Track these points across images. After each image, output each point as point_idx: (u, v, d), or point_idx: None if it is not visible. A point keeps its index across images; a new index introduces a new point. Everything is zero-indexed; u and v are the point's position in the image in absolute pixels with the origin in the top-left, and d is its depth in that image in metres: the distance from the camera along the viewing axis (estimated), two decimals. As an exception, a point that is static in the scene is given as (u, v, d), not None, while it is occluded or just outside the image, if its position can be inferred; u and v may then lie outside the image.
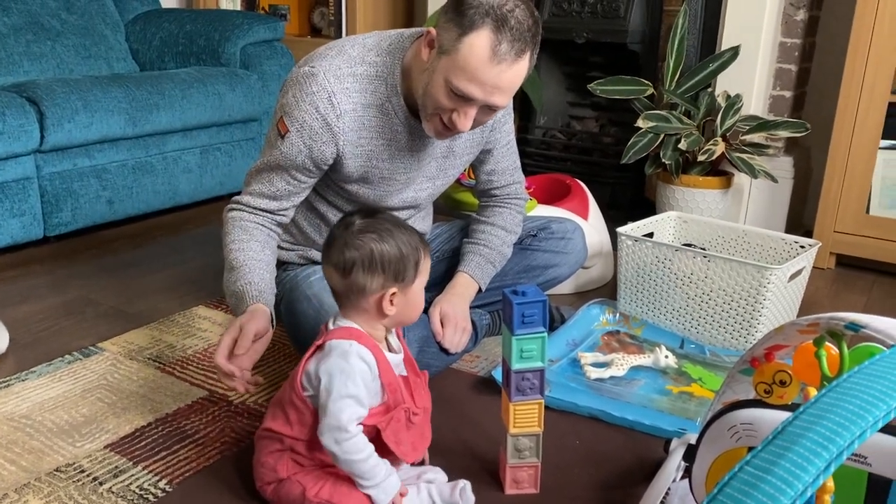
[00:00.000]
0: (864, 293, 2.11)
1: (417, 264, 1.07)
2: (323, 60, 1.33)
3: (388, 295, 1.05)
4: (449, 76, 1.21)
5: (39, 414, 1.38)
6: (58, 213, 2.24)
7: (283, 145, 1.34)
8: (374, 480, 1.02)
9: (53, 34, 2.67)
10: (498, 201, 1.65)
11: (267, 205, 1.39)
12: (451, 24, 1.20)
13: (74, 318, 1.80)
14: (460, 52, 1.19)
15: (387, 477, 1.04)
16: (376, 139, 1.38)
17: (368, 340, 1.05)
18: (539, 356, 1.11)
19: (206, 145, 2.64)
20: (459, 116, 1.26)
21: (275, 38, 2.97)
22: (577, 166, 2.92)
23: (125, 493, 1.15)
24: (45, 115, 2.14)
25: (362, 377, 1.02)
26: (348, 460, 1.01)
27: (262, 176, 1.39)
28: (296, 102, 1.32)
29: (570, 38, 2.78)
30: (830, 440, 0.49)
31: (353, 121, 1.34)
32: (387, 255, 1.04)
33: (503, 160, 1.61)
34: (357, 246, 1.04)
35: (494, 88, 1.22)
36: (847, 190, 2.19)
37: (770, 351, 0.98)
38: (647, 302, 1.80)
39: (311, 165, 1.36)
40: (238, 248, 1.34)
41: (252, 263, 1.32)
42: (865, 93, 2.11)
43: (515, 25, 1.18)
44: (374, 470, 1.02)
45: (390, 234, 1.05)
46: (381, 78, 1.34)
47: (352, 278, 1.05)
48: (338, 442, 1.00)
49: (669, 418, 1.37)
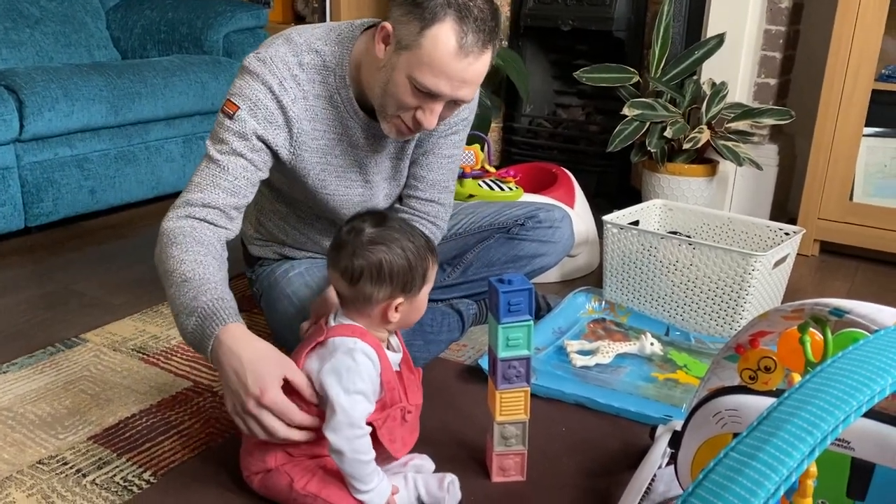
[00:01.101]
0: (847, 279, 2.13)
1: (425, 274, 1.05)
2: (270, 48, 1.28)
3: (394, 304, 1.04)
4: (413, 73, 1.16)
5: (21, 406, 1.36)
6: (39, 203, 2.21)
7: (234, 124, 1.24)
8: (371, 484, 1.02)
9: (32, 21, 2.63)
10: (415, 216, 1.52)
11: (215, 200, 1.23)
12: (409, 18, 1.15)
13: (56, 310, 1.78)
14: (423, 47, 1.14)
15: (381, 481, 1.03)
16: (329, 133, 1.33)
17: (372, 339, 1.04)
18: (525, 344, 1.11)
19: (189, 134, 2.61)
20: (425, 114, 1.21)
21: (258, 26, 2.95)
22: (563, 155, 2.92)
23: (109, 485, 1.14)
24: (24, 104, 2.11)
25: (368, 374, 1.01)
26: (356, 460, 0.99)
27: (207, 170, 1.25)
28: (245, 84, 1.26)
29: (555, 25, 2.77)
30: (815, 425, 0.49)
31: (306, 110, 1.29)
32: (395, 267, 1.02)
33: (436, 171, 1.50)
34: (366, 256, 1.02)
35: (462, 82, 1.17)
36: (831, 177, 2.20)
37: (755, 337, 0.99)
38: (633, 289, 1.80)
39: (261, 149, 1.26)
40: (193, 260, 1.15)
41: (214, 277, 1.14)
42: (849, 80, 2.12)
43: (478, 15, 1.14)
44: (373, 474, 1.02)
45: (399, 244, 1.03)
46: (329, 69, 1.29)
47: (359, 287, 1.03)
48: (350, 439, 0.98)
49: (655, 405, 1.37)
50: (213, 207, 1.23)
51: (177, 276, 1.13)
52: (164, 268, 1.17)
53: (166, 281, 1.15)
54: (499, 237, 1.64)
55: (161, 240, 1.20)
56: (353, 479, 1.01)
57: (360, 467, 1.00)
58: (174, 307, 1.12)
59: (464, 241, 1.67)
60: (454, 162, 1.53)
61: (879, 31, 2.06)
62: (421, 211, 1.52)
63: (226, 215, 1.25)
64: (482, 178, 2.04)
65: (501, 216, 1.66)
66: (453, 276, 1.66)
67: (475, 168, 2.08)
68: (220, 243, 1.22)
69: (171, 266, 1.15)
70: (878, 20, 2.05)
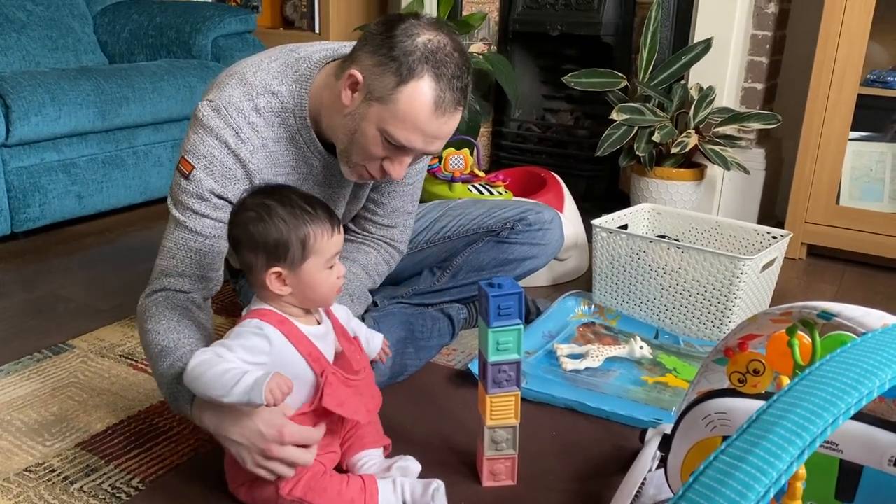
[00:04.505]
0: (834, 283, 2.14)
1: (305, 243, 1.02)
2: (222, 92, 1.22)
3: (270, 274, 1.02)
4: (385, 126, 1.14)
5: (8, 413, 1.35)
6: (25, 208, 2.20)
7: (191, 185, 1.20)
8: (228, 384, 0.95)
9: (19, 26, 2.61)
10: (369, 239, 1.51)
11: (189, 268, 1.22)
12: (383, 70, 1.12)
13: (43, 316, 1.76)
14: (399, 102, 1.11)
15: (241, 376, 0.95)
16: (292, 174, 1.30)
17: (273, 316, 1.03)
18: (515, 348, 1.11)
19: (178, 139, 2.60)
20: (393, 165, 1.19)
21: (247, 31, 2.94)
22: (551, 159, 2.93)
23: (97, 493, 1.13)
24: (10, 109, 2.09)
25: (248, 347, 1.00)
26: (197, 382, 0.97)
27: (176, 234, 1.22)
28: (199, 140, 1.20)
29: (543, 30, 2.78)
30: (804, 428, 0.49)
31: (266, 157, 1.25)
32: (264, 235, 1.01)
33: (397, 198, 1.49)
34: (238, 223, 1.04)
35: (435, 139, 1.16)
36: (818, 181, 2.21)
37: (743, 340, 0.99)
38: (622, 293, 1.80)
39: (222, 206, 1.22)
40: (167, 328, 1.14)
41: (188, 340, 1.13)
42: (835, 84, 2.13)
43: (455, 73, 1.12)
44: (223, 377, 0.96)
45: (272, 211, 1.01)
46: (288, 110, 1.25)
47: (241, 257, 1.05)
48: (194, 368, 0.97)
49: (645, 408, 1.37)
50: (187, 276, 1.23)
51: (153, 349, 1.14)
52: (143, 344, 1.18)
53: (147, 356, 1.16)
54: (488, 240, 1.64)
55: (138, 317, 1.21)
56: (212, 395, 0.96)
57: (197, 383, 0.97)
58: (156, 380, 1.14)
59: (452, 244, 1.67)
60: (416, 187, 1.52)
61: (865, 36, 2.07)
62: (377, 234, 1.52)
63: (202, 279, 1.25)
64: (471, 183, 2.04)
65: (490, 218, 1.65)
66: (443, 281, 1.65)
67: (464, 172, 2.08)
68: (195, 305, 1.23)
69: (148, 339, 1.16)
70: (863, 25, 2.07)
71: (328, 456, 1.10)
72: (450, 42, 1.14)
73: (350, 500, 1.04)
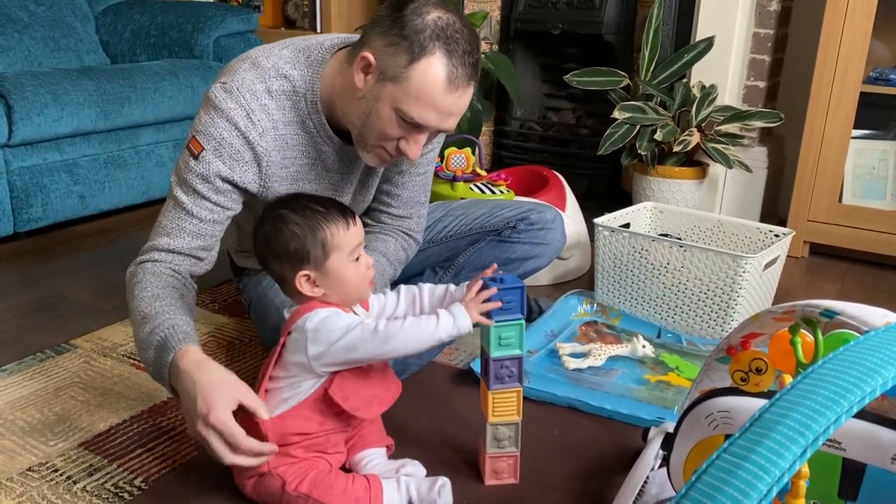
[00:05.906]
0: (837, 281, 2.14)
1: (323, 242, 1.04)
2: (235, 75, 1.23)
3: (300, 278, 1.05)
4: (400, 105, 1.14)
5: (11, 413, 1.35)
6: (28, 208, 2.20)
7: (198, 166, 1.21)
8: (430, 327, 1.02)
9: (21, 26, 2.61)
10: (386, 229, 1.51)
11: (181, 246, 1.23)
12: (395, 49, 1.12)
13: (46, 315, 1.77)
14: (412, 80, 1.12)
15: (442, 318, 1.02)
16: (300, 158, 1.30)
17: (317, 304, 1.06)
18: (517, 343, 1.11)
19: (180, 139, 2.60)
20: (409, 144, 1.19)
21: (248, 30, 2.94)
22: (553, 158, 2.92)
23: (100, 492, 1.14)
24: (13, 109, 2.10)
25: (330, 314, 1.04)
26: (380, 344, 1.01)
27: (173, 213, 1.24)
28: (210, 120, 1.21)
29: (545, 29, 2.78)
30: (806, 426, 0.49)
31: (276, 140, 1.25)
32: (283, 243, 1.05)
33: (410, 189, 1.49)
34: (259, 239, 1.08)
35: (449, 115, 1.16)
36: (820, 179, 2.21)
37: (746, 339, 0.99)
38: (624, 292, 1.80)
39: (227, 190, 1.24)
40: (150, 296, 1.16)
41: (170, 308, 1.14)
42: (837, 83, 2.13)
43: (465, 48, 1.13)
44: (418, 326, 1.02)
45: (285, 219, 1.05)
46: (299, 94, 1.25)
47: (270, 270, 1.09)
48: (375, 333, 1.00)
49: (647, 407, 1.37)
50: (178, 253, 1.24)
51: (136, 315, 1.15)
52: (129, 309, 1.19)
53: (132, 322, 1.17)
54: (490, 240, 1.64)
55: (126, 283, 1.22)
56: (420, 342, 1.02)
57: (401, 338, 1.01)
58: (137, 346, 1.15)
59: (454, 243, 1.66)
60: (428, 177, 1.52)
61: (867, 34, 2.07)
62: (394, 226, 1.52)
63: (193, 258, 1.26)
64: (473, 182, 2.04)
65: (493, 218, 1.65)
66: (445, 280, 1.65)
67: (466, 171, 2.08)
68: (181, 277, 1.24)
69: (133, 306, 1.17)
70: (865, 23, 2.07)
71: (335, 456, 1.11)
72: (458, 19, 1.15)
73: (355, 498, 1.04)
